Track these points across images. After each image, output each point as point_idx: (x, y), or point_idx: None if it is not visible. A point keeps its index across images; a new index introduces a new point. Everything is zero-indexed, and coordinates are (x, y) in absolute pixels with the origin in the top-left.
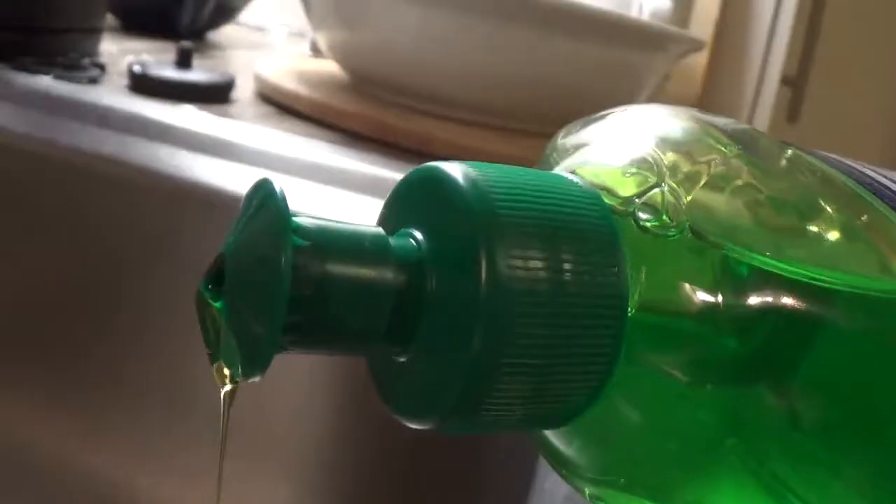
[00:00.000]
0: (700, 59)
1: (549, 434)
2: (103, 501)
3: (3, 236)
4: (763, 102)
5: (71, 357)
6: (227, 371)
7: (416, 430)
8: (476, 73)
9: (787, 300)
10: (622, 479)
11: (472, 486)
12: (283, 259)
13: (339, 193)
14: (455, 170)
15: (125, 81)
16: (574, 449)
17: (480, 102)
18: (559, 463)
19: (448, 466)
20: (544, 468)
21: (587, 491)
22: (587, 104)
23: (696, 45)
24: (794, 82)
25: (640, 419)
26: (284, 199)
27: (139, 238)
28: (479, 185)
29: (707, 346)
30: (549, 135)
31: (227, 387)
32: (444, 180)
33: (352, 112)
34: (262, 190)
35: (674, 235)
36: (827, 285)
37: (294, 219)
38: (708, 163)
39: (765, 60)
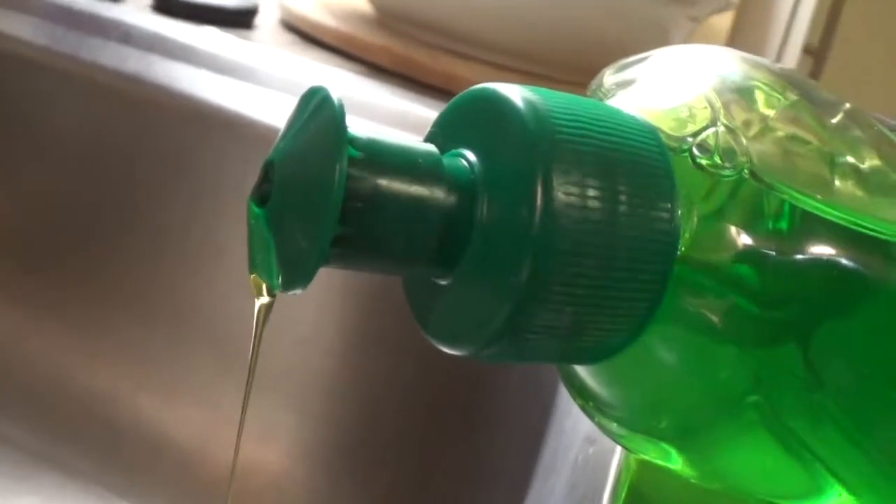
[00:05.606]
0: (723, 24)
1: (580, 368)
2: (105, 419)
3: (21, 150)
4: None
5: (81, 273)
6: (264, 284)
7: (423, 365)
8: (504, 15)
9: (837, 249)
10: (645, 420)
11: (487, 426)
12: (337, 168)
13: (360, 124)
14: (513, 91)
15: (149, 1)
16: (602, 386)
17: (506, 45)
18: (583, 397)
19: (461, 404)
20: (563, 408)
21: (609, 427)
22: (612, 55)
23: (724, 5)
24: (816, 52)
25: (671, 364)
26: (342, 108)
27: (156, 157)
28: (538, 108)
29: (750, 293)
30: (573, 83)
31: (264, 299)
32: (501, 101)
33: (376, 45)
34: (318, 96)
35: (729, 176)
36: (878, 236)
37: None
38: (765, 106)
39: (787, 31)
